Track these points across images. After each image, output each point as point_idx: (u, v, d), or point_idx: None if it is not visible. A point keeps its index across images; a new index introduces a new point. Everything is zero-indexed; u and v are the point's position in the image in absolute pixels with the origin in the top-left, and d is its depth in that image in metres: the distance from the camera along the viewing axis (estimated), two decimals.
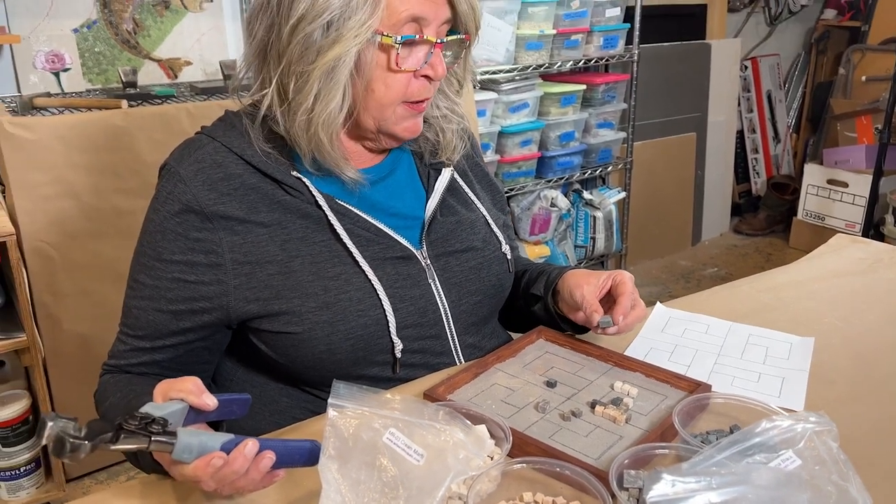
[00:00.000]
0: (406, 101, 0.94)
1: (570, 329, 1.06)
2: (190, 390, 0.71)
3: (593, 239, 3.18)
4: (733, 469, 0.61)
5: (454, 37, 0.95)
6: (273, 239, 0.92)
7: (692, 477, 0.58)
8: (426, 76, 0.93)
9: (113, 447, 0.63)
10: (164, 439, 0.65)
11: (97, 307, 1.89)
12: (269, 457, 0.69)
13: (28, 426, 1.79)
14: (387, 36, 0.88)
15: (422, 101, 0.96)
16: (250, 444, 0.68)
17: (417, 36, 0.90)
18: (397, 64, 0.90)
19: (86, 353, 1.89)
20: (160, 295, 0.92)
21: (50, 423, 0.60)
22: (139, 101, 1.93)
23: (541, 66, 2.66)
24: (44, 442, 0.61)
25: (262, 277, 0.92)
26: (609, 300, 1.01)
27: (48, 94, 1.99)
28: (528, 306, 1.13)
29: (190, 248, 0.91)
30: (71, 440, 0.61)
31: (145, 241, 0.94)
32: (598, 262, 3.31)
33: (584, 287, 1.00)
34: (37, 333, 1.73)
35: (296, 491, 0.76)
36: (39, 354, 1.73)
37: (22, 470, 1.79)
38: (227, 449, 0.67)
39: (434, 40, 0.91)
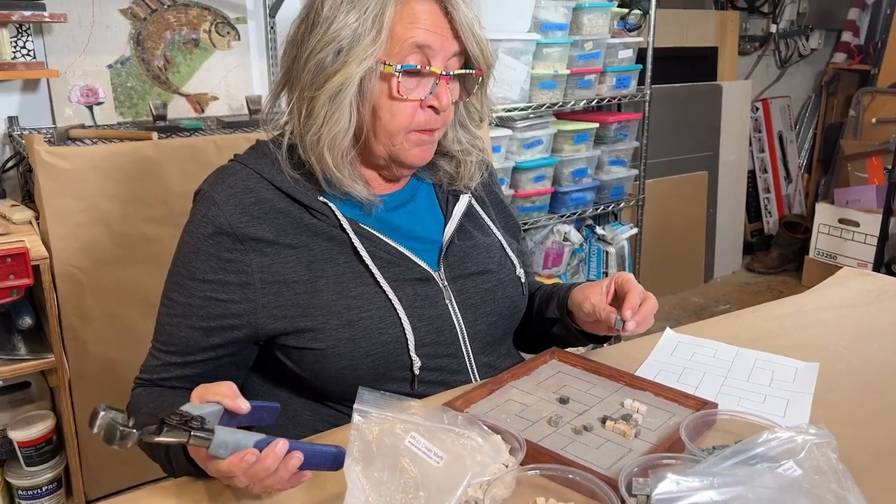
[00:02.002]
0: (414, 130, 0.98)
1: (591, 341, 1.11)
2: (225, 394, 0.76)
3: (605, 274, 3.22)
4: (736, 472, 0.65)
5: (462, 71, 1.00)
6: (300, 260, 0.98)
7: (696, 477, 0.62)
8: (432, 107, 0.98)
9: (157, 439, 0.68)
10: (202, 435, 0.70)
11: (122, 331, 1.95)
12: (298, 457, 0.74)
13: (51, 446, 1.83)
14: (388, 65, 0.94)
15: (431, 130, 1.00)
16: (281, 444, 0.73)
17: (420, 66, 0.95)
18: (399, 92, 0.95)
19: (110, 376, 1.94)
20: (192, 312, 0.97)
21: (102, 413, 0.66)
22: (168, 134, 2.01)
23: (555, 104, 2.73)
24: (95, 430, 0.66)
25: (289, 296, 0.97)
26: (619, 302, 1.03)
27: (82, 126, 2.07)
28: (545, 329, 1.17)
29: (222, 268, 0.96)
30: (121, 429, 0.66)
31: (179, 262, 0.99)
32: None
33: (591, 297, 1.05)
34: (64, 355, 1.79)
35: (321, 493, 0.80)
36: (65, 376, 1.79)
37: (44, 489, 1.83)
38: (259, 447, 0.72)
39: (439, 72, 0.96)
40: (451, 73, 0.98)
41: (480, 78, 1.02)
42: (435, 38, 0.95)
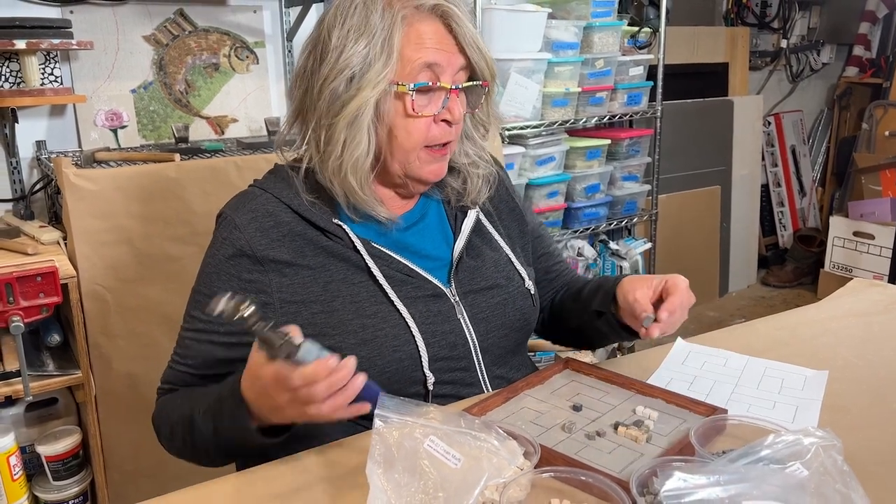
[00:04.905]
0: (428, 145, 1.03)
1: (631, 337, 1.12)
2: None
3: None
4: (742, 470, 0.67)
5: (470, 83, 1.04)
6: (317, 280, 1.02)
7: (703, 475, 0.65)
8: (445, 120, 1.02)
9: (263, 330, 0.79)
10: (294, 341, 0.80)
11: (145, 348, 1.99)
12: (363, 377, 0.83)
13: (78, 461, 1.88)
14: (401, 85, 0.99)
15: (444, 146, 1.05)
16: (352, 360, 0.83)
17: (431, 83, 1.00)
18: (414, 109, 1.00)
19: (133, 392, 1.98)
20: (212, 329, 1.01)
21: (227, 295, 0.79)
22: (190, 155, 2.06)
23: (566, 121, 2.77)
24: (219, 308, 0.79)
25: (306, 316, 1.00)
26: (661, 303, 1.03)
27: (107, 149, 2.14)
28: (591, 323, 1.18)
29: (242, 287, 1.00)
30: (241, 307, 0.79)
31: (202, 281, 1.04)
32: None
33: (638, 291, 1.04)
34: (90, 371, 1.84)
35: (344, 495, 0.83)
36: (91, 392, 1.83)
37: (70, 503, 1.87)
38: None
39: (448, 86, 1.01)
40: (460, 86, 1.02)
41: (487, 88, 1.07)
42: (442, 55, 1.00)
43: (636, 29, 3.03)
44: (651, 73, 3.09)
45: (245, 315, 0.78)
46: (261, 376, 0.84)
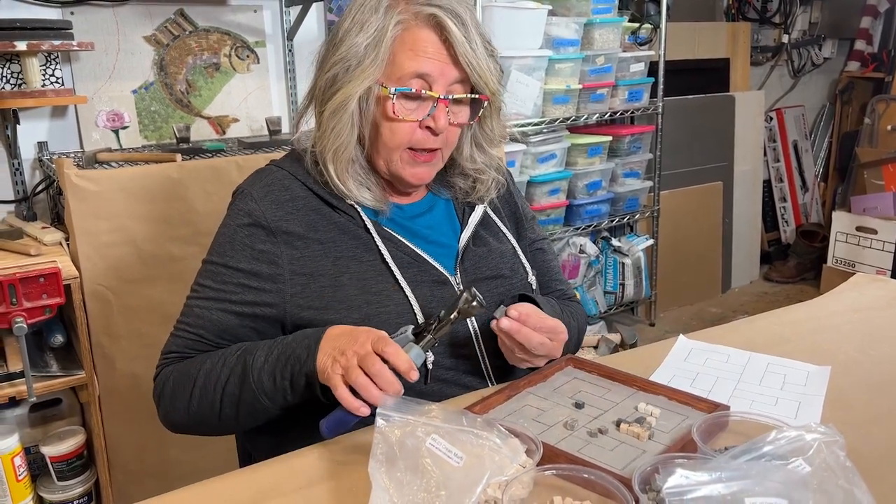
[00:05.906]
0: (411, 147, 1.05)
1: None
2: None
3: (622, 285, 3.24)
4: (745, 467, 0.67)
5: (462, 95, 1.05)
6: (327, 255, 1.04)
7: (705, 472, 0.65)
8: (429, 127, 1.04)
9: (452, 317, 0.93)
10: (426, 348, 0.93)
11: (148, 348, 1.99)
12: (367, 409, 0.86)
13: (82, 461, 1.88)
14: (384, 87, 1.01)
15: (429, 152, 1.06)
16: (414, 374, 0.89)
17: (415, 90, 1.01)
18: (394, 113, 1.02)
19: (137, 392, 1.98)
20: (224, 297, 1.03)
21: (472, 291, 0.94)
22: (192, 156, 2.07)
23: (567, 118, 2.77)
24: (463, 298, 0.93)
25: (314, 288, 1.03)
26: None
27: (109, 150, 2.14)
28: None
29: (255, 258, 1.03)
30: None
31: (214, 251, 1.06)
32: (627, 307, 3.36)
33: (519, 304, 1.04)
34: (94, 372, 1.84)
35: (347, 494, 0.83)
36: (95, 392, 1.84)
37: (75, 503, 1.88)
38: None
39: (436, 96, 1.02)
40: (451, 97, 1.03)
41: (486, 103, 1.08)
42: (435, 65, 1.01)
43: (637, 25, 3.03)
44: (652, 70, 3.09)
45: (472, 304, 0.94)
46: (371, 328, 0.92)
